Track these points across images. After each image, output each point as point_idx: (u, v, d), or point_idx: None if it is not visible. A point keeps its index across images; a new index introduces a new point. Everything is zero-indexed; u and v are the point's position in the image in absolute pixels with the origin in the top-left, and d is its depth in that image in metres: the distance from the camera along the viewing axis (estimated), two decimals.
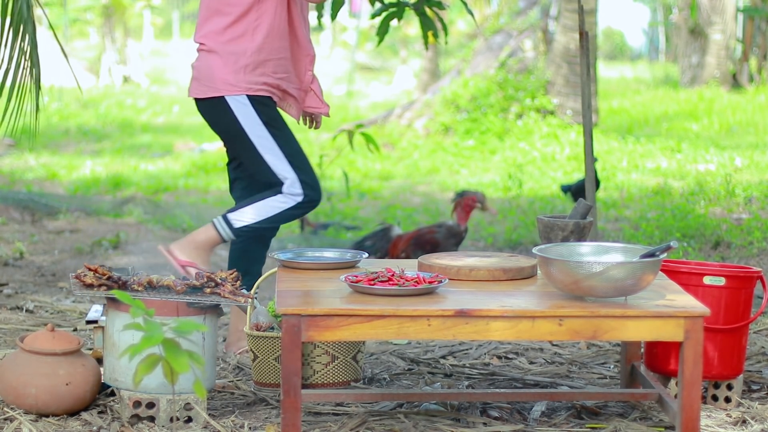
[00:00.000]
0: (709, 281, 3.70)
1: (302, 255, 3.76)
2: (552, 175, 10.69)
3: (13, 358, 3.59)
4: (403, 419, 3.57)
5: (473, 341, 4.51)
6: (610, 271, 3.14)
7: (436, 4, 5.32)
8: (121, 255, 6.98)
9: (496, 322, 3.16)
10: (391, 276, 3.38)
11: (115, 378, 3.55)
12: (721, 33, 17.33)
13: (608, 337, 3.20)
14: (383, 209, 9.19)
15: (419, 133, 12.55)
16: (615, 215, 8.33)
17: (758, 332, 4.70)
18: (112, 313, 3.55)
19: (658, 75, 21.64)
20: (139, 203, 9.00)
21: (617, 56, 29.63)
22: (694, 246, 6.76)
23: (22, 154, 12.08)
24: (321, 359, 3.79)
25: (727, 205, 8.35)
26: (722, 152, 11.48)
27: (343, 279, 3.37)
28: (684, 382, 3.20)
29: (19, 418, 3.52)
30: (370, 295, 3.27)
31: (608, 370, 4.25)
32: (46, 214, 8.32)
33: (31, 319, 4.98)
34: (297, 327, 3.14)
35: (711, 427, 3.54)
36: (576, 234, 3.60)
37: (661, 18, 26.61)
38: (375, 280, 3.35)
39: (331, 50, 28.79)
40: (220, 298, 3.52)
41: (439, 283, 3.33)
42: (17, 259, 6.59)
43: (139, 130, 14.79)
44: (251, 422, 3.56)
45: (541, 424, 3.56)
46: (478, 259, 3.62)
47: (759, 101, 15.60)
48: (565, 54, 12.98)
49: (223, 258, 7.02)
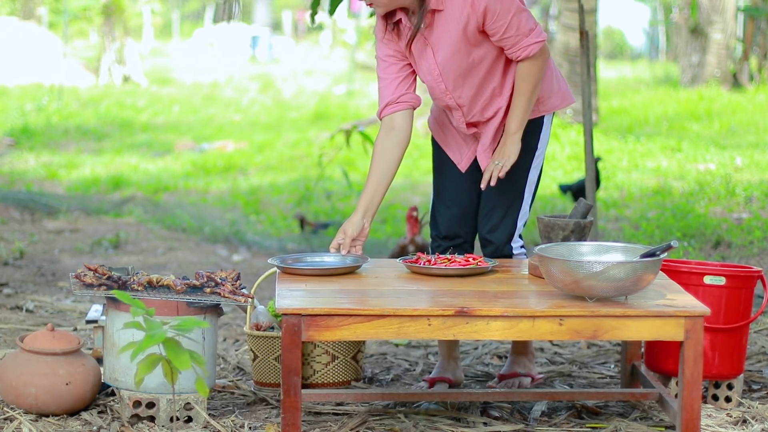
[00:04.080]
0: (709, 281, 3.70)
1: (301, 260, 3.72)
2: (552, 175, 10.68)
3: (13, 357, 3.59)
4: (403, 419, 3.57)
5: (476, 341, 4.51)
6: (611, 271, 3.14)
7: None
8: (121, 255, 6.98)
9: (496, 322, 3.16)
10: (451, 257, 3.63)
11: (115, 378, 3.55)
12: (721, 32, 17.32)
13: (608, 337, 3.20)
14: (383, 209, 9.18)
15: (419, 132, 12.53)
16: (615, 215, 8.32)
17: (758, 332, 4.70)
18: (112, 312, 3.54)
19: (659, 74, 21.62)
20: (139, 203, 9.00)
21: (617, 56, 29.63)
22: (694, 245, 6.76)
23: (22, 154, 12.08)
24: (321, 359, 3.79)
25: (727, 205, 8.35)
26: (722, 152, 11.47)
27: (400, 261, 3.65)
28: (684, 382, 3.20)
29: (19, 417, 3.52)
30: (428, 276, 3.55)
31: (608, 369, 4.25)
32: (46, 213, 8.32)
33: (31, 318, 4.97)
34: (297, 327, 3.14)
35: (711, 426, 3.54)
36: (576, 233, 3.60)
37: (662, 17, 26.61)
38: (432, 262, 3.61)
39: (331, 50, 28.81)
40: (220, 298, 3.52)
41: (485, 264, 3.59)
42: (17, 258, 6.59)
43: (139, 130, 14.78)
44: (251, 422, 3.56)
45: (542, 424, 3.56)
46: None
47: (759, 101, 15.59)
48: (566, 53, 12.97)
49: (223, 258, 7.02)
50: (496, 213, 3.85)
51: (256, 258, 7.04)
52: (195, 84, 20.89)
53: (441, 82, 3.74)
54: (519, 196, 3.84)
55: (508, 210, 3.85)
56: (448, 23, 3.64)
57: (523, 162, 3.78)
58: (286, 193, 9.89)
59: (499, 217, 3.85)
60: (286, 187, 10.20)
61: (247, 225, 8.38)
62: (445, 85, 3.74)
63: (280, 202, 9.46)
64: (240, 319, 5.16)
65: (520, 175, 3.82)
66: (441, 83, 3.74)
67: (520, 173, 3.82)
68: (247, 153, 12.38)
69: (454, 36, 3.64)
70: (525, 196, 3.85)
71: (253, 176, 11.09)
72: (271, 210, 9.02)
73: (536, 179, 3.88)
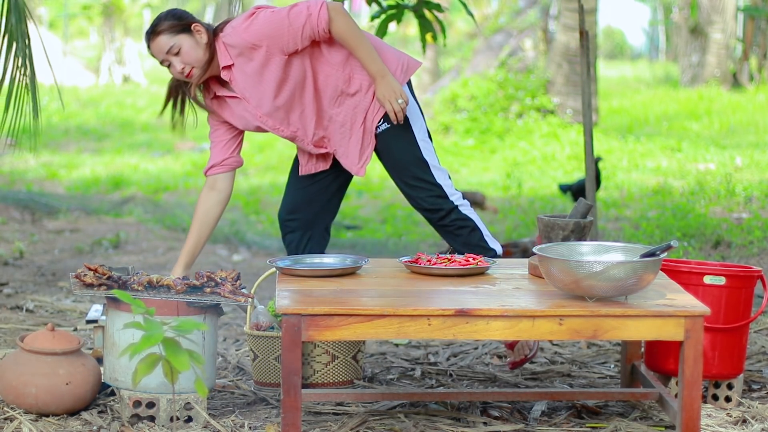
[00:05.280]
0: (709, 281, 3.70)
1: (301, 261, 3.72)
2: (552, 175, 10.69)
3: (14, 357, 3.59)
4: (403, 419, 3.57)
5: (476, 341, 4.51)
6: (611, 271, 3.14)
7: (435, 6, 5.33)
8: (121, 255, 6.98)
9: (496, 322, 3.16)
10: (450, 257, 3.66)
11: (115, 378, 3.55)
12: (721, 32, 17.32)
13: (608, 337, 3.20)
14: (383, 208, 9.19)
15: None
16: (615, 215, 8.32)
17: (758, 332, 4.70)
18: (112, 312, 3.55)
19: (659, 74, 21.64)
20: (139, 203, 9.00)
21: (617, 55, 29.63)
22: (694, 245, 6.76)
23: (22, 154, 12.08)
24: (321, 359, 3.79)
25: (727, 205, 8.35)
26: (722, 151, 11.48)
27: (400, 261, 3.66)
28: (684, 382, 3.20)
29: (19, 417, 3.52)
30: (428, 276, 3.55)
31: (608, 369, 4.25)
32: (46, 213, 8.32)
33: (31, 318, 4.97)
34: (297, 326, 3.14)
35: (711, 426, 3.54)
36: (576, 233, 3.60)
37: (662, 17, 26.61)
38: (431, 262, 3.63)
39: None
40: (220, 298, 3.52)
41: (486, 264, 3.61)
42: (17, 258, 6.59)
43: (139, 130, 14.79)
44: (251, 422, 3.56)
45: (542, 424, 3.56)
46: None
47: (759, 100, 15.59)
48: (566, 53, 12.97)
49: (223, 258, 7.02)
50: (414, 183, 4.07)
51: (256, 258, 7.04)
52: None
53: (268, 120, 3.97)
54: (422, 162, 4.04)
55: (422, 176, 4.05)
56: (245, 69, 3.89)
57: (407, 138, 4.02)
58: None
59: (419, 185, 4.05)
60: None
61: (247, 225, 8.38)
62: (272, 122, 3.98)
63: (280, 202, 9.46)
64: (240, 319, 5.16)
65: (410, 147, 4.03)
66: (268, 121, 3.98)
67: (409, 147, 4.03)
68: (247, 153, 12.38)
69: (258, 74, 3.89)
70: (426, 158, 4.04)
71: (253, 176, 11.09)
72: (271, 210, 9.02)
73: (426, 137, 4.06)
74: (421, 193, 4.03)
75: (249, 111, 3.96)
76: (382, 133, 4.00)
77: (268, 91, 3.90)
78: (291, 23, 3.82)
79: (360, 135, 4.00)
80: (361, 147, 4.01)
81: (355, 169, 4.03)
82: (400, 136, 4.00)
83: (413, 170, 4.01)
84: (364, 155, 4.02)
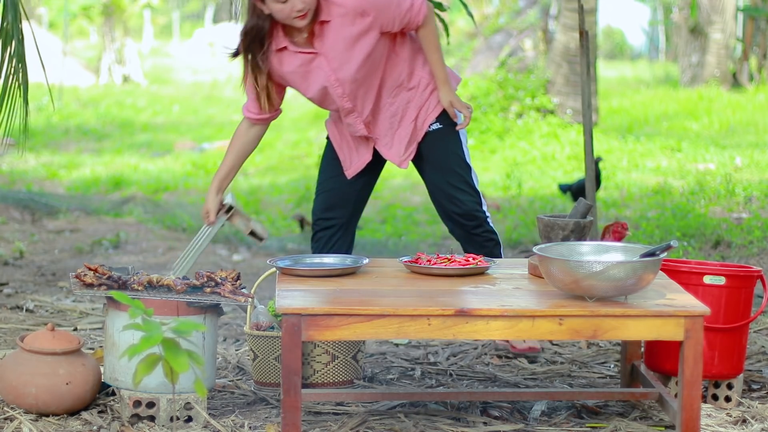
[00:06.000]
0: (709, 280, 3.70)
1: (301, 261, 3.71)
2: (552, 175, 10.68)
3: (14, 357, 3.59)
4: (403, 419, 3.57)
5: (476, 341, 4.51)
6: (611, 271, 3.14)
7: (436, 5, 5.32)
8: (121, 255, 6.98)
9: (496, 322, 3.16)
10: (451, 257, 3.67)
11: (115, 377, 3.55)
12: (721, 32, 17.32)
13: (608, 337, 3.20)
14: (383, 208, 9.19)
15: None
16: (615, 214, 8.32)
17: (758, 331, 4.70)
18: (112, 312, 3.55)
19: (658, 74, 21.63)
20: (139, 203, 8.99)
21: (617, 55, 29.62)
22: (694, 245, 6.76)
23: (22, 154, 12.08)
24: (321, 359, 3.79)
25: (727, 205, 8.35)
26: (722, 151, 11.47)
27: (400, 261, 3.66)
28: (684, 382, 3.20)
29: (19, 417, 3.52)
30: (428, 276, 3.55)
31: (608, 369, 4.25)
32: (46, 213, 8.32)
33: (31, 318, 4.98)
34: (297, 326, 3.14)
35: (711, 426, 3.54)
36: (576, 233, 3.60)
37: (661, 17, 26.61)
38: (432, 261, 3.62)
39: None
40: (220, 298, 3.52)
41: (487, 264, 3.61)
42: (17, 258, 6.59)
43: (139, 130, 14.79)
44: (251, 422, 3.56)
45: (541, 424, 3.56)
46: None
47: (759, 100, 15.59)
48: (565, 53, 12.97)
49: (223, 258, 7.02)
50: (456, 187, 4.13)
51: (256, 258, 7.04)
52: (195, 84, 20.89)
53: (338, 87, 3.96)
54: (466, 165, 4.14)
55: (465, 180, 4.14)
56: (341, 31, 3.89)
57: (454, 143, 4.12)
58: (286, 193, 9.89)
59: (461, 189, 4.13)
60: (286, 187, 10.20)
61: None
62: (342, 90, 3.97)
63: (280, 202, 9.46)
64: (240, 319, 5.16)
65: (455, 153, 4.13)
66: (338, 88, 3.96)
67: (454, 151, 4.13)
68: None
69: (353, 40, 3.90)
70: (470, 164, 4.15)
71: (253, 176, 11.09)
72: (271, 210, 9.02)
73: (467, 144, 4.18)
74: (463, 196, 4.10)
75: (323, 69, 3.95)
76: (433, 132, 4.08)
77: (355, 60, 3.92)
78: (399, 4, 3.91)
79: (409, 130, 4.07)
80: (408, 141, 4.08)
81: (398, 161, 4.09)
82: (449, 138, 4.09)
83: (459, 172, 4.10)
84: (409, 149, 4.09)
